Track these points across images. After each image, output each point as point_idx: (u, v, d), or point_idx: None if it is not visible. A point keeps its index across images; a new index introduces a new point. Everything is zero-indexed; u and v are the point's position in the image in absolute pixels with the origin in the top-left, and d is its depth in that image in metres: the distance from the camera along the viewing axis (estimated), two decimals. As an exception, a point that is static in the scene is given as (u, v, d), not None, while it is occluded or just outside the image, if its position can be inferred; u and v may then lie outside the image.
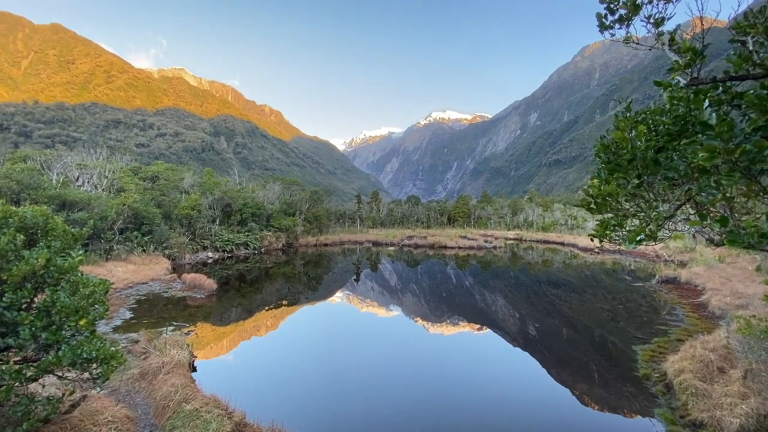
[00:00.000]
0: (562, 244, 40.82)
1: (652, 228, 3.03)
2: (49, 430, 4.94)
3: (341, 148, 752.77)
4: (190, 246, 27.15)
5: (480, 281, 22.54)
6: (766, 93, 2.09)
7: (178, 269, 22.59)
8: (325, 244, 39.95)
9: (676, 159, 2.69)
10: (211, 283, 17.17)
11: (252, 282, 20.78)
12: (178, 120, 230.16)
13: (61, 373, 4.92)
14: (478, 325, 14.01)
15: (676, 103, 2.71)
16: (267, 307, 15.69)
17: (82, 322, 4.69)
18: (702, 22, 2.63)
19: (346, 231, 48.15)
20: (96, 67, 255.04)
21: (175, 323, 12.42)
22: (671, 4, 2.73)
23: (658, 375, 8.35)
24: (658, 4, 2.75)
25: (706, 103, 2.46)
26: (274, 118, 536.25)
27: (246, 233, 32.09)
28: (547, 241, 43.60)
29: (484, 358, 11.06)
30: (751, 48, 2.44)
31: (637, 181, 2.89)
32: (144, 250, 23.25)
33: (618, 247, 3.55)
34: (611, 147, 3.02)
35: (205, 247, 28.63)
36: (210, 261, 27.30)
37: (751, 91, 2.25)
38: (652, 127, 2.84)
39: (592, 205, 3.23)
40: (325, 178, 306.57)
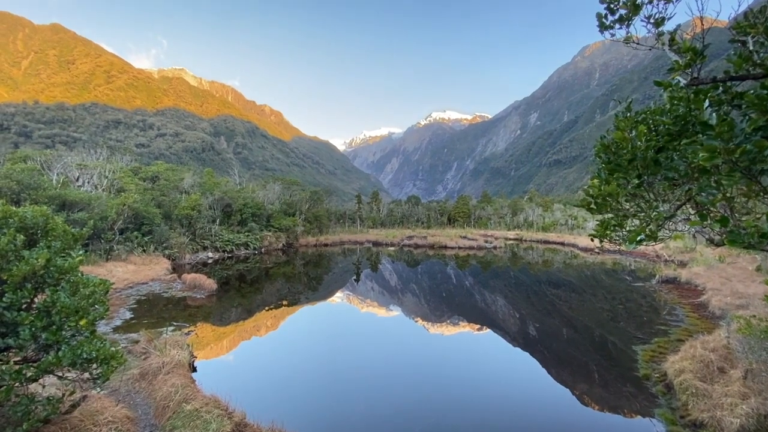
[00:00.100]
0: (562, 244, 40.81)
1: (653, 228, 3.03)
2: (50, 430, 4.94)
3: (341, 148, 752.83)
4: (190, 246, 27.15)
5: (480, 281, 22.53)
6: (766, 93, 2.09)
7: (178, 269, 22.59)
8: (326, 245, 39.95)
9: (676, 159, 2.69)
10: (211, 284, 17.18)
11: (252, 282, 20.78)
12: (178, 120, 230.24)
13: (61, 374, 4.92)
14: (478, 325, 14.01)
15: (676, 103, 2.71)
16: (267, 308, 15.69)
17: (82, 323, 4.69)
18: (702, 22, 2.63)
19: (346, 231, 48.16)
20: (96, 67, 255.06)
21: (175, 323, 12.42)
22: (671, 4, 2.73)
23: (658, 375, 8.35)
24: (658, 4, 2.75)
25: (707, 103, 2.46)
26: (274, 118, 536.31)
27: (246, 233, 32.09)
28: (547, 241, 43.59)
29: (484, 358, 11.06)
30: (751, 48, 2.44)
31: (637, 181, 2.89)
32: (144, 251, 23.26)
33: (618, 247, 3.55)
34: (611, 147, 3.02)
35: (205, 248, 28.64)
36: (210, 261, 27.30)
37: (752, 91, 2.25)
38: (652, 127, 2.84)
39: (592, 205, 3.23)
40: (326, 178, 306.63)
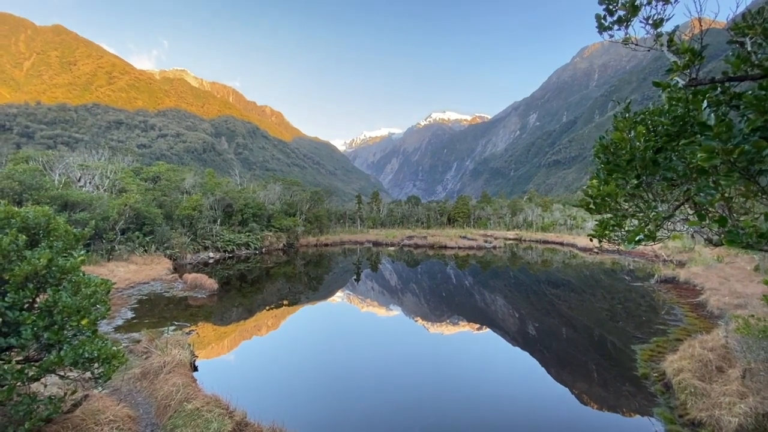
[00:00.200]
0: (562, 244, 40.80)
1: (651, 228, 3.04)
2: (51, 429, 4.96)
3: (341, 148, 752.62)
4: (191, 246, 27.19)
5: (480, 281, 22.53)
6: (764, 94, 2.10)
7: (179, 269, 22.62)
8: (326, 245, 39.97)
9: (674, 159, 2.71)
10: (212, 283, 17.21)
11: (253, 282, 20.80)
12: (179, 121, 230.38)
13: (63, 373, 4.94)
14: (477, 325, 14.02)
15: (674, 103, 2.72)
16: (268, 307, 15.71)
17: (83, 322, 4.71)
18: (700, 23, 2.64)
19: (346, 231, 48.17)
20: (98, 68, 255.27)
21: (176, 323, 12.44)
22: (670, 6, 2.75)
23: (657, 374, 8.36)
24: (656, 6, 2.76)
25: (705, 103, 2.47)
26: (275, 119, 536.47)
27: (247, 233, 32.12)
28: (546, 241, 43.58)
29: (483, 358, 11.07)
30: (749, 49, 2.45)
31: (636, 181, 2.91)
32: (145, 251, 23.30)
33: (617, 247, 3.57)
34: (610, 147, 3.04)
35: (206, 248, 28.67)
36: (211, 261, 27.32)
37: (750, 92, 2.26)
38: (650, 127, 2.85)
39: (591, 205, 3.24)
40: (326, 178, 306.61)
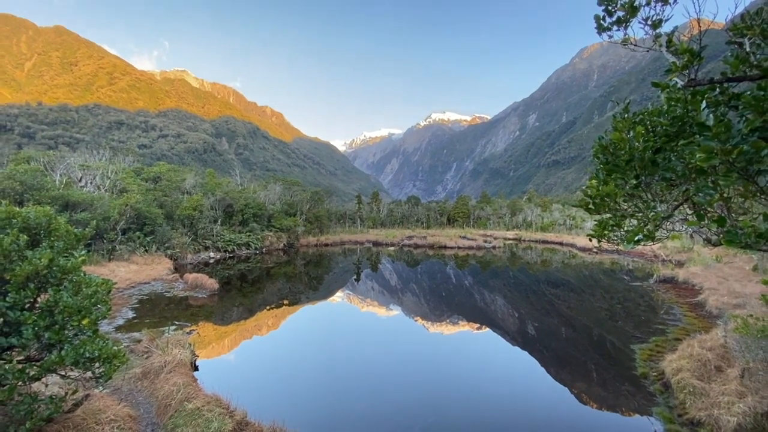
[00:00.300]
0: (561, 244, 40.79)
1: (650, 228, 3.05)
2: (52, 428, 4.97)
3: (342, 149, 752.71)
4: (191, 246, 27.20)
5: (479, 281, 22.54)
6: (762, 94, 2.11)
7: (180, 269, 22.63)
8: (326, 245, 39.99)
9: (673, 160, 2.71)
10: (212, 283, 17.22)
11: (253, 282, 20.82)
12: (180, 121, 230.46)
13: (63, 372, 4.95)
14: (477, 325, 14.03)
15: (673, 104, 2.73)
16: (268, 307, 15.72)
17: (84, 322, 4.72)
18: (699, 24, 2.65)
19: (346, 231, 48.19)
20: (99, 68, 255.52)
21: (177, 323, 12.45)
22: (669, 6, 2.76)
23: (656, 374, 8.36)
24: (655, 6, 2.77)
25: (704, 104, 2.48)
26: (276, 119, 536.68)
27: (247, 233, 32.15)
28: (545, 241, 43.58)
29: (483, 357, 11.08)
30: (748, 50, 2.46)
31: (635, 181, 2.92)
32: (146, 251, 23.32)
33: (616, 247, 3.57)
34: (609, 148, 3.05)
35: (206, 248, 28.69)
36: (212, 261, 27.34)
37: (748, 93, 2.27)
38: (649, 128, 2.86)
39: (590, 205, 3.25)
40: (326, 178, 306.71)
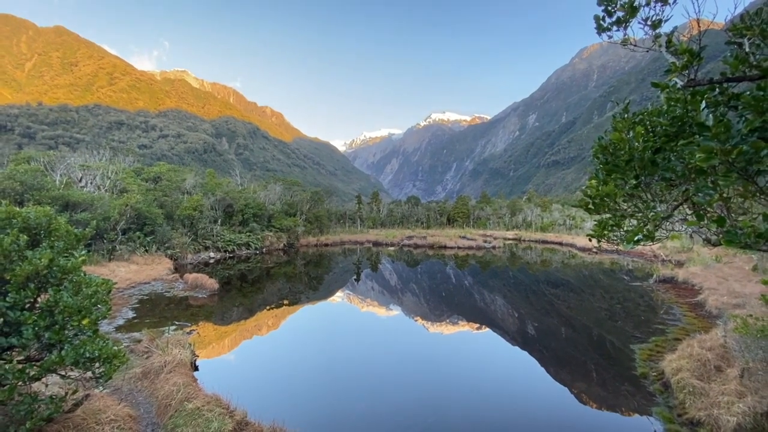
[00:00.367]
0: (561, 244, 40.79)
1: (650, 228, 3.05)
2: (52, 428, 4.97)
3: (342, 149, 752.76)
4: (192, 246, 27.20)
5: (479, 281, 22.54)
6: (762, 94, 2.11)
7: (180, 269, 22.63)
8: (326, 245, 39.99)
9: (673, 160, 2.72)
10: (212, 283, 17.22)
11: (253, 282, 20.82)
12: (180, 121, 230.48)
13: (64, 372, 4.94)
14: (477, 325, 14.03)
15: (673, 104, 2.73)
16: (268, 307, 15.72)
17: (84, 322, 4.72)
18: (699, 25, 2.65)
19: (346, 231, 48.19)
20: (99, 69, 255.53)
21: (177, 323, 12.45)
22: (668, 7, 2.76)
23: (655, 374, 8.36)
24: (655, 7, 2.77)
25: (703, 104, 2.48)
26: (276, 119, 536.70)
27: (247, 233, 32.14)
28: (545, 241, 43.58)
29: (483, 357, 11.07)
30: (747, 50, 2.47)
31: (634, 181, 2.92)
32: (146, 251, 23.32)
33: (616, 247, 3.58)
34: (609, 148, 3.05)
35: (206, 248, 28.69)
36: (212, 261, 27.34)
37: (748, 93, 2.27)
38: (649, 128, 2.86)
39: (590, 205, 3.26)
40: (326, 178, 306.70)
